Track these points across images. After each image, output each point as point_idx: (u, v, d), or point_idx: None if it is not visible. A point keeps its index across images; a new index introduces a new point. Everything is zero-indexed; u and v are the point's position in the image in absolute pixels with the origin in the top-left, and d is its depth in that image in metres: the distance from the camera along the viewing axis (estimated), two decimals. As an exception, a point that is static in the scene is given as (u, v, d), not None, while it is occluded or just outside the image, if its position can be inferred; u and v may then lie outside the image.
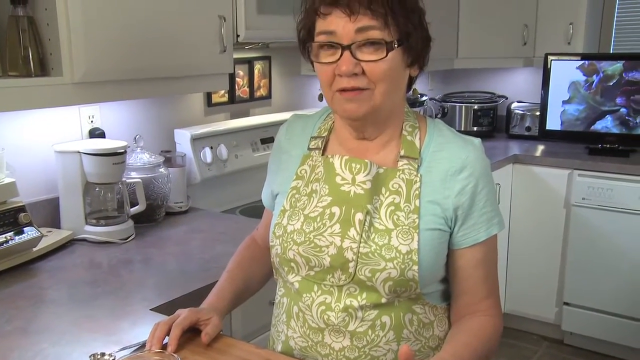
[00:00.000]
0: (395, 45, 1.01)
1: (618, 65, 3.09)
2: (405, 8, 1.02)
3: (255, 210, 2.19)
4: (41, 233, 1.62)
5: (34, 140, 1.82)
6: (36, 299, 1.39)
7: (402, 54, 1.04)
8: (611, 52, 3.50)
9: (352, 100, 1.03)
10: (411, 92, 1.11)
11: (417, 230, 1.05)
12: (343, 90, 1.03)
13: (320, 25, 1.03)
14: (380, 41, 1.00)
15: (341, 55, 1.01)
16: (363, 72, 1.01)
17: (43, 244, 1.64)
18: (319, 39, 1.04)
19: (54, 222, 1.83)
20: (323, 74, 1.05)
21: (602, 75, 3.13)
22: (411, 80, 1.13)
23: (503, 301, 3.30)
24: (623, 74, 3.08)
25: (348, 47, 1.00)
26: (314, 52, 1.05)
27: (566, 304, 3.14)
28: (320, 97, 1.12)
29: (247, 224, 1.92)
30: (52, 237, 1.71)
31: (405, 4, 1.02)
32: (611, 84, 3.11)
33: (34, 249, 1.61)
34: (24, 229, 1.57)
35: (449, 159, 1.08)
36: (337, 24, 1.01)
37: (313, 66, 1.09)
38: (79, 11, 1.49)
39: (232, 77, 2.36)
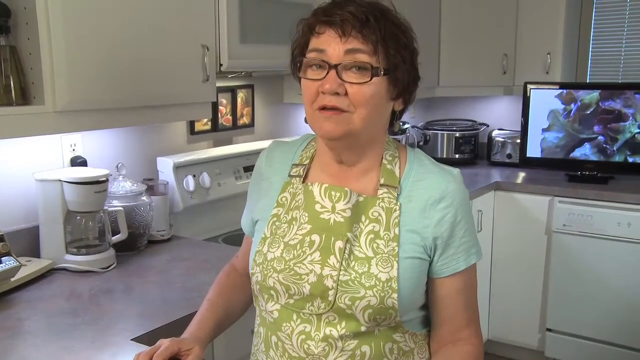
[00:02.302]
0: (381, 73, 1.03)
1: (595, 94, 3.16)
2: (397, 42, 1.05)
3: (238, 238, 2.18)
4: (20, 263, 1.59)
5: (15, 169, 1.80)
6: (13, 331, 1.37)
7: (387, 84, 1.06)
8: (588, 81, 3.58)
9: (330, 120, 1.04)
10: (394, 127, 1.13)
11: (396, 259, 1.06)
12: (323, 108, 1.04)
13: (313, 43, 1.06)
14: (367, 65, 1.02)
15: (327, 73, 1.03)
16: (346, 94, 1.03)
17: (22, 274, 1.62)
18: (310, 55, 1.06)
19: (34, 251, 1.80)
20: (307, 90, 1.07)
21: (579, 103, 3.19)
22: (394, 115, 1.14)
23: (486, 328, 3.30)
24: (599, 103, 3.15)
25: (335, 66, 1.03)
26: (303, 68, 1.08)
27: (549, 330, 3.15)
28: (307, 120, 1.14)
29: (229, 252, 1.91)
30: (31, 267, 1.69)
31: (398, 38, 1.05)
32: (588, 112, 3.17)
33: (12, 279, 1.59)
34: (2, 258, 1.55)
35: (428, 189, 1.10)
36: (329, 44, 1.03)
37: (299, 79, 1.11)
38: (62, 41, 1.50)
39: (215, 106, 2.37)
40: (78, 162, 1.94)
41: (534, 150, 3.32)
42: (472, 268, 1.13)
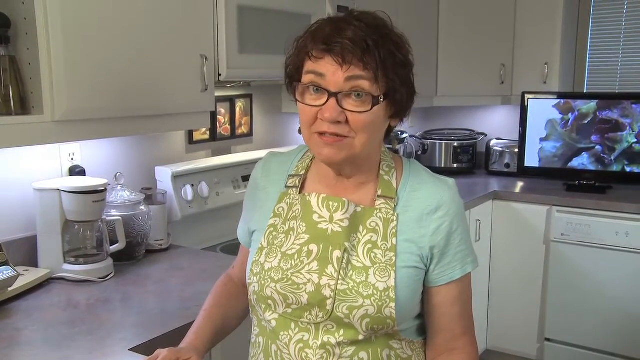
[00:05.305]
0: (381, 100, 1.03)
1: (592, 104, 3.17)
2: (396, 63, 1.03)
3: (236, 248, 2.17)
4: (17, 272, 1.59)
5: (13, 178, 1.80)
6: (10, 341, 1.36)
7: (385, 106, 1.05)
8: (585, 91, 3.59)
9: (332, 146, 1.04)
10: (392, 143, 1.13)
11: (394, 268, 1.06)
12: (322, 133, 1.03)
13: (311, 65, 1.03)
14: (367, 94, 1.01)
15: (327, 101, 1.01)
16: (346, 121, 1.02)
17: (19, 284, 1.62)
18: (307, 77, 1.04)
19: (32, 260, 1.80)
20: (305, 115, 1.05)
21: (577, 113, 3.20)
22: (390, 129, 1.14)
23: (485, 338, 3.30)
24: (597, 113, 3.16)
25: (335, 94, 1.01)
26: (300, 91, 1.05)
27: (547, 340, 3.15)
28: (301, 131, 1.13)
29: (228, 262, 1.91)
30: (28, 276, 1.68)
31: (395, 57, 1.03)
32: (586, 122, 3.18)
33: (10, 289, 1.58)
34: (0, 268, 1.55)
35: (424, 199, 1.10)
36: (328, 69, 1.01)
37: (296, 101, 1.10)
38: (61, 51, 1.50)
39: (213, 115, 2.37)
40: (76, 171, 1.94)
41: (532, 160, 3.33)
42: (468, 277, 1.13)
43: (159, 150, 2.26)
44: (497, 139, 3.73)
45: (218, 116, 2.46)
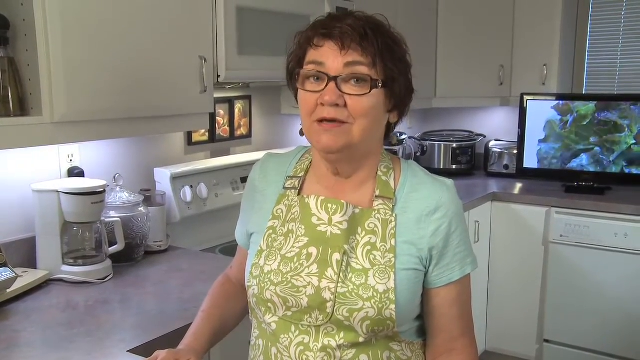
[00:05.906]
0: (380, 85, 1.04)
1: (591, 105, 3.17)
2: (393, 55, 1.06)
3: (235, 249, 2.18)
4: (16, 274, 1.59)
5: (12, 179, 1.80)
6: (9, 342, 1.36)
7: (384, 96, 1.07)
8: (584, 92, 3.59)
9: (330, 133, 1.05)
10: (390, 140, 1.15)
11: (393, 270, 1.06)
12: (322, 120, 1.05)
13: (312, 55, 1.07)
14: (366, 77, 1.03)
15: (326, 85, 1.04)
16: (345, 105, 1.04)
17: (18, 285, 1.61)
18: (308, 67, 1.06)
19: (30, 262, 1.80)
20: (306, 103, 1.07)
21: (576, 115, 3.21)
22: (390, 127, 1.15)
23: (484, 339, 3.30)
24: (596, 114, 3.16)
25: (334, 78, 1.03)
26: (301, 80, 1.08)
27: (547, 341, 3.15)
28: (302, 132, 1.14)
29: (226, 263, 1.91)
30: (27, 278, 1.68)
31: (394, 51, 1.06)
32: (585, 123, 3.19)
33: (8, 290, 1.58)
34: (-1, 269, 1.55)
35: (423, 200, 1.10)
36: (328, 56, 1.04)
37: (297, 99, 1.11)
38: (60, 52, 1.50)
39: (212, 117, 2.37)
40: (75, 172, 1.94)
41: (530, 161, 3.33)
42: (467, 278, 1.13)
43: (157, 152, 2.26)
44: (495, 140, 3.73)
45: (217, 117, 2.46)
